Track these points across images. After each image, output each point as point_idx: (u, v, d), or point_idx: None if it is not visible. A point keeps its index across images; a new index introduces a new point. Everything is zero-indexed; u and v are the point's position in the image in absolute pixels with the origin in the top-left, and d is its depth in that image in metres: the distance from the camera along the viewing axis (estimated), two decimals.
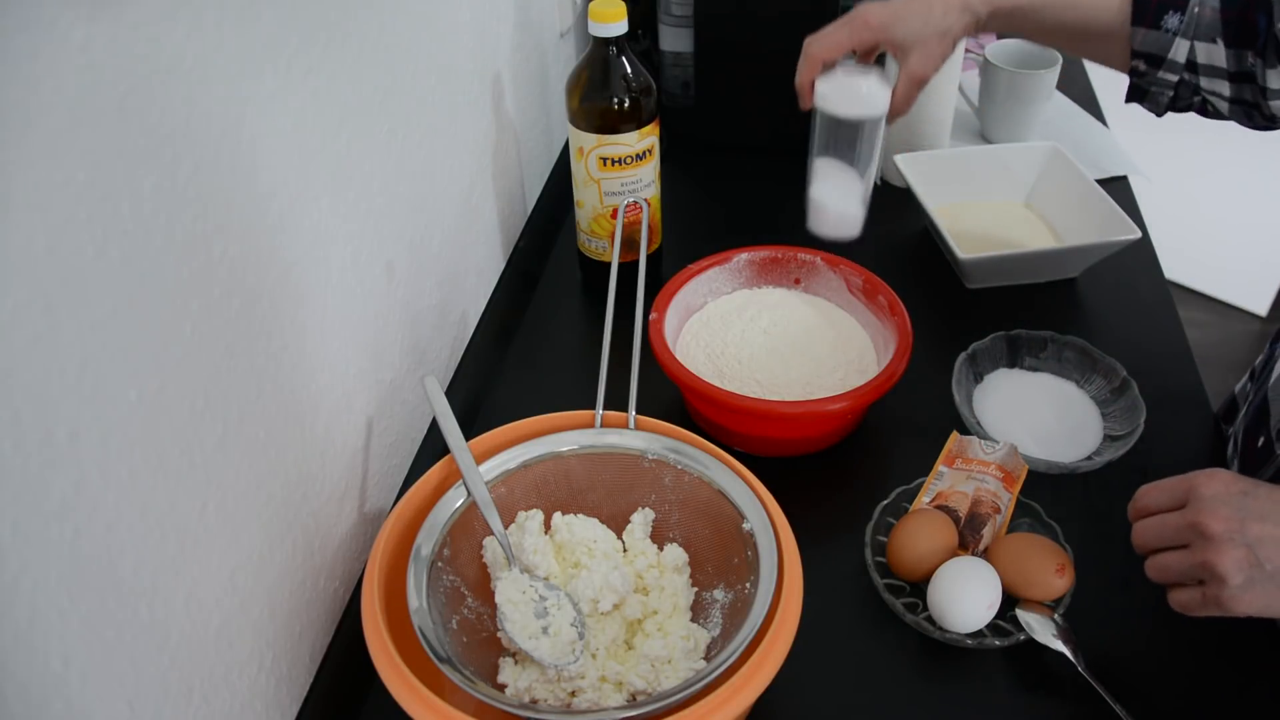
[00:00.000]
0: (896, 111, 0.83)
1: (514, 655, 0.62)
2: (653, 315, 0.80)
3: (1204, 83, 0.79)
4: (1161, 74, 0.80)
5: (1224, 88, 0.78)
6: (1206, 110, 0.82)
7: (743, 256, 0.88)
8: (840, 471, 0.80)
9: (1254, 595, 0.55)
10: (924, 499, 0.73)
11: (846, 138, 0.83)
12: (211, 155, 0.48)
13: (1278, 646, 0.66)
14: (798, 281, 0.89)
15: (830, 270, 0.87)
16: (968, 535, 0.69)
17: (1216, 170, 2.12)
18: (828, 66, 0.81)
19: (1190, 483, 0.58)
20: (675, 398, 0.85)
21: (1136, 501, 0.62)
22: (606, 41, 0.84)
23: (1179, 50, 0.78)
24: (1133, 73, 0.82)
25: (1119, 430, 0.79)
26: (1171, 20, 0.77)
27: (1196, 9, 0.77)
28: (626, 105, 0.86)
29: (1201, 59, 0.78)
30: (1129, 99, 0.84)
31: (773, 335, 0.84)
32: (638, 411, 0.68)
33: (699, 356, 0.82)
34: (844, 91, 0.81)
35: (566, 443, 0.67)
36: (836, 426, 0.79)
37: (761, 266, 0.88)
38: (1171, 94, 0.81)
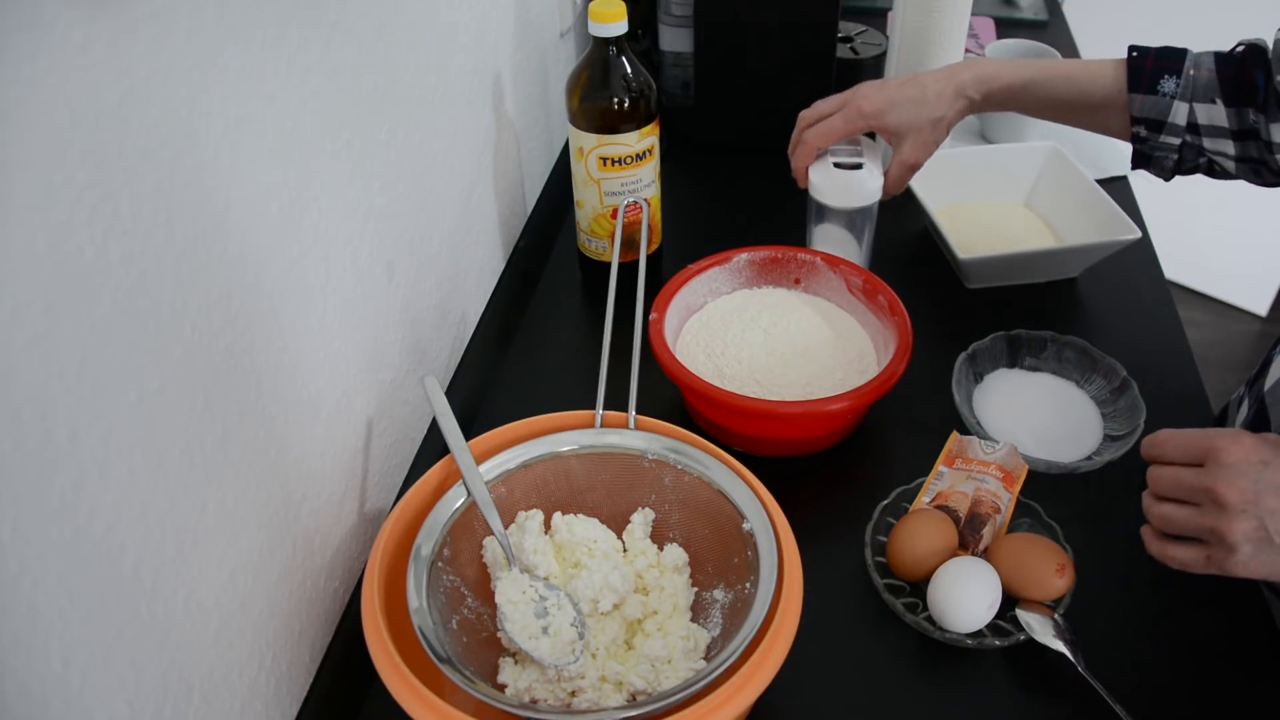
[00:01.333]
0: (889, 193, 0.87)
1: (514, 655, 0.62)
2: (653, 315, 0.80)
3: (1207, 143, 0.79)
4: (1164, 138, 0.80)
5: (1228, 146, 0.78)
6: (1214, 171, 0.82)
7: (743, 256, 0.87)
8: (840, 471, 0.80)
9: (1258, 564, 0.55)
10: (924, 499, 0.73)
11: (841, 219, 0.90)
12: (211, 155, 0.48)
13: (1278, 647, 0.66)
14: (798, 281, 0.89)
15: (830, 270, 0.87)
16: (968, 535, 0.69)
17: None
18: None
19: (1211, 444, 0.57)
20: (675, 398, 0.85)
21: (1154, 447, 0.61)
22: (606, 41, 0.84)
23: (1179, 113, 0.78)
24: (1135, 139, 0.82)
25: (1119, 430, 0.79)
26: (1168, 84, 0.78)
27: (1192, 71, 0.78)
28: (626, 105, 0.86)
29: (1202, 120, 0.78)
30: (1135, 166, 0.85)
31: (773, 335, 0.84)
32: (638, 411, 0.68)
33: (699, 356, 0.82)
34: (836, 183, 0.87)
35: (566, 443, 0.67)
36: (837, 427, 0.79)
37: (761, 266, 0.88)
38: (1176, 157, 0.81)
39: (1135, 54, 0.80)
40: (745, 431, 0.77)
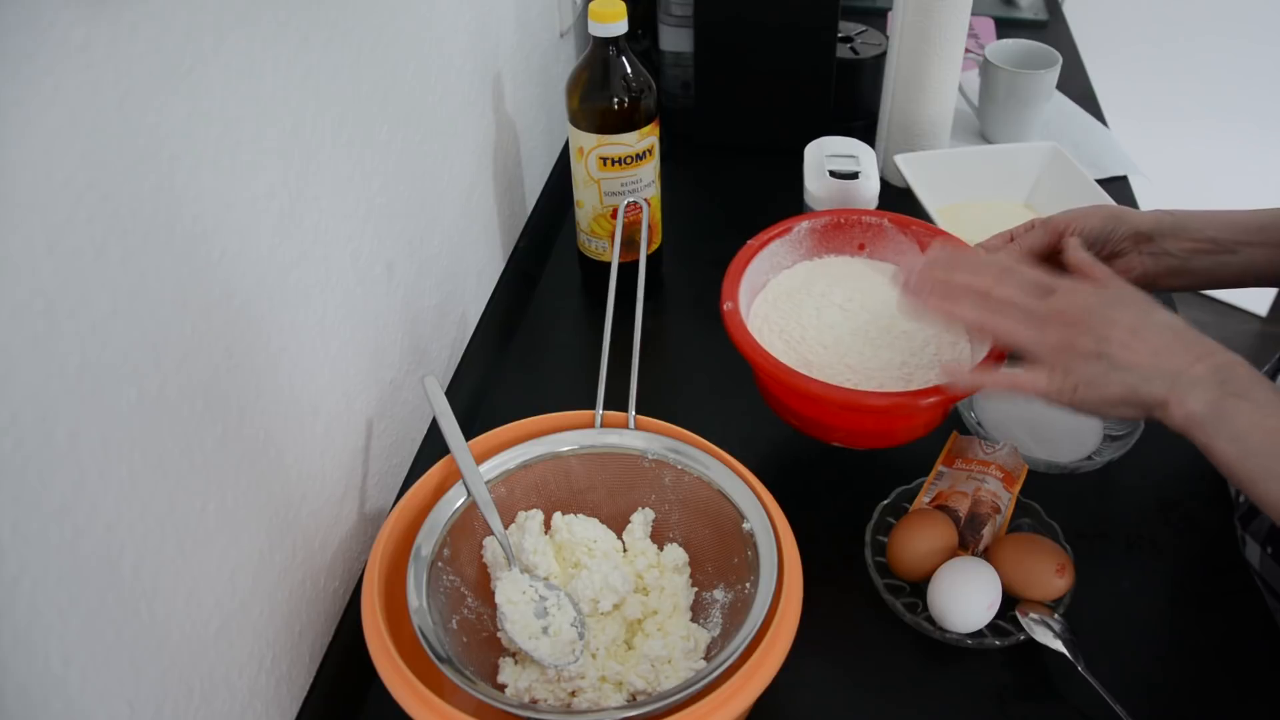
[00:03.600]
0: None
1: (514, 655, 0.62)
2: (727, 306, 0.71)
3: None
4: None
5: None
6: None
7: (804, 225, 0.79)
8: (840, 471, 0.80)
9: (1101, 387, 0.56)
10: (924, 499, 0.73)
11: None
12: (211, 155, 0.48)
13: (1277, 647, 0.66)
14: (862, 247, 0.80)
15: (899, 232, 0.79)
16: (968, 535, 0.69)
17: (1216, 170, 2.12)
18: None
19: (1050, 281, 0.59)
20: (675, 397, 0.85)
21: (977, 271, 0.62)
22: (606, 41, 0.84)
23: None
24: None
25: (1119, 430, 0.79)
26: None
27: None
28: (626, 105, 0.86)
29: None
30: None
31: (850, 313, 0.75)
32: (638, 411, 0.68)
33: (776, 344, 0.73)
34: (832, 192, 0.86)
35: (566, 443, 0.67)
36: (946, 409, 0.74)
37: (824, 234, 0.80)
38: None
39: None
40: (849, 427, 0.72)
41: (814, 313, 0.75)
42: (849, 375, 0.71)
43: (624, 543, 0.67)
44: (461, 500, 0.63)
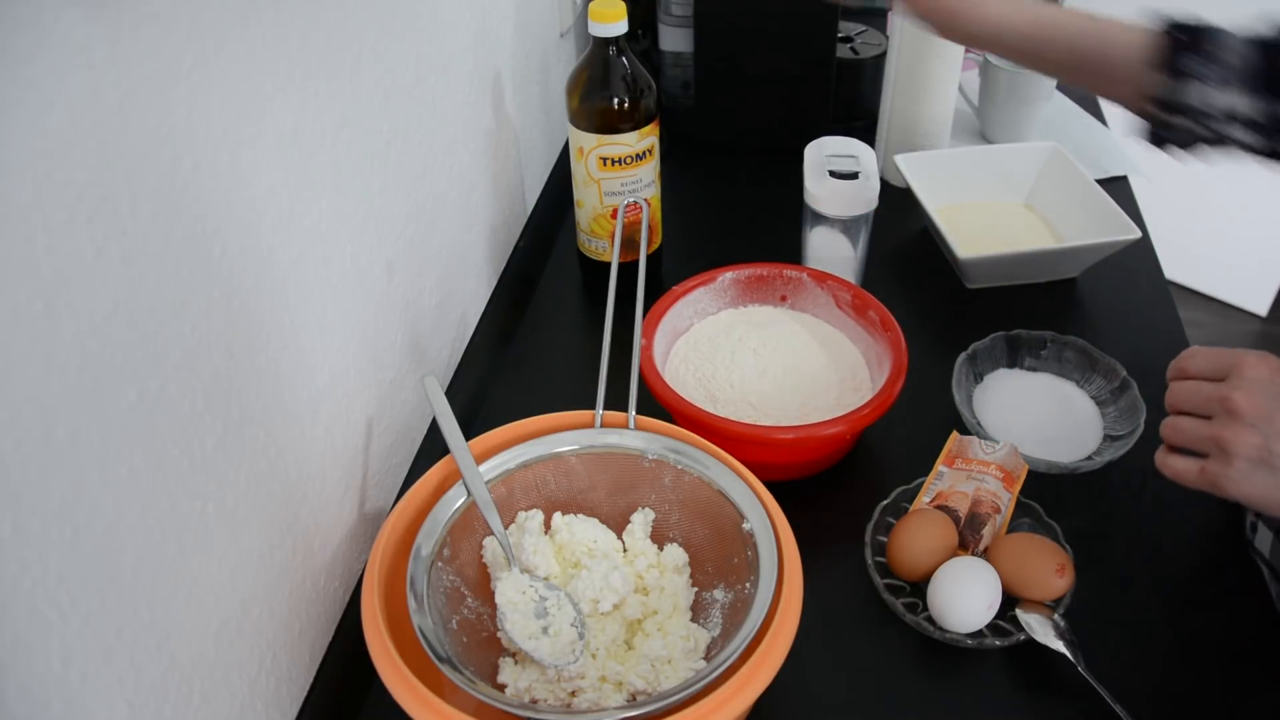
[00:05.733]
0: None
1: (514, 655, 0.62)
2: (642, 342, 0.77)
3: (1232, 132, 0.73)
4: (1183, 121, 0.74)
5: (1249, 136, 0.73)
6: (1236, 152, 0.75)
7: (727, 276, 0.86)
8: (840, 472, 0.80)
9: (1250, 484, 0.55)
10: (924, 499, 0.73)
11: (836, 226, 0.88)
12: (211, 155, 0.48)
13: (1278, 647, 0.66)
14: (784, 299, 0.87)
15: (817, 286, 0.85)
16: (968, 535, 0.69)
17: (1216, 170, 2.12)
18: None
19: (1237, 360, 0.57)
20: None
21: (1180, 361, 0.61)
22: (606, 41, 0.84)
23: (1200, 96, 0.73)
24: (1153, 120, 0.76)
25: (1119, 430, 0.79)
26: (1194, 64, 0.72)
27: (1221, 54, 0.71)
28: (626, 105, 0.86)
29: (1233, 108, 0.72)
30: (1151, 142, 0.77)
31: (763, 356, 0.82)
32: (638, 411, 0.68)
33: (689, 381, 0.81)
34: (833, 192, 0.85)
35: (566, 443, 0.67)
36: (834, 449, 0.78)
37: (747, 285, 0.87)
38: (1196, 141, 0.75)
39: (1167, 28, 0.74)
40: (742, 458, 0.76)
41: (729, 356, 0.82)
42: (749, 412, 0.78)
43: (624, 543, 0.67)
44: (461, 500, 0.63)
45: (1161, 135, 0.77)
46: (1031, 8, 0.77)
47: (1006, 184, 1.06)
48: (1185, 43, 0.73)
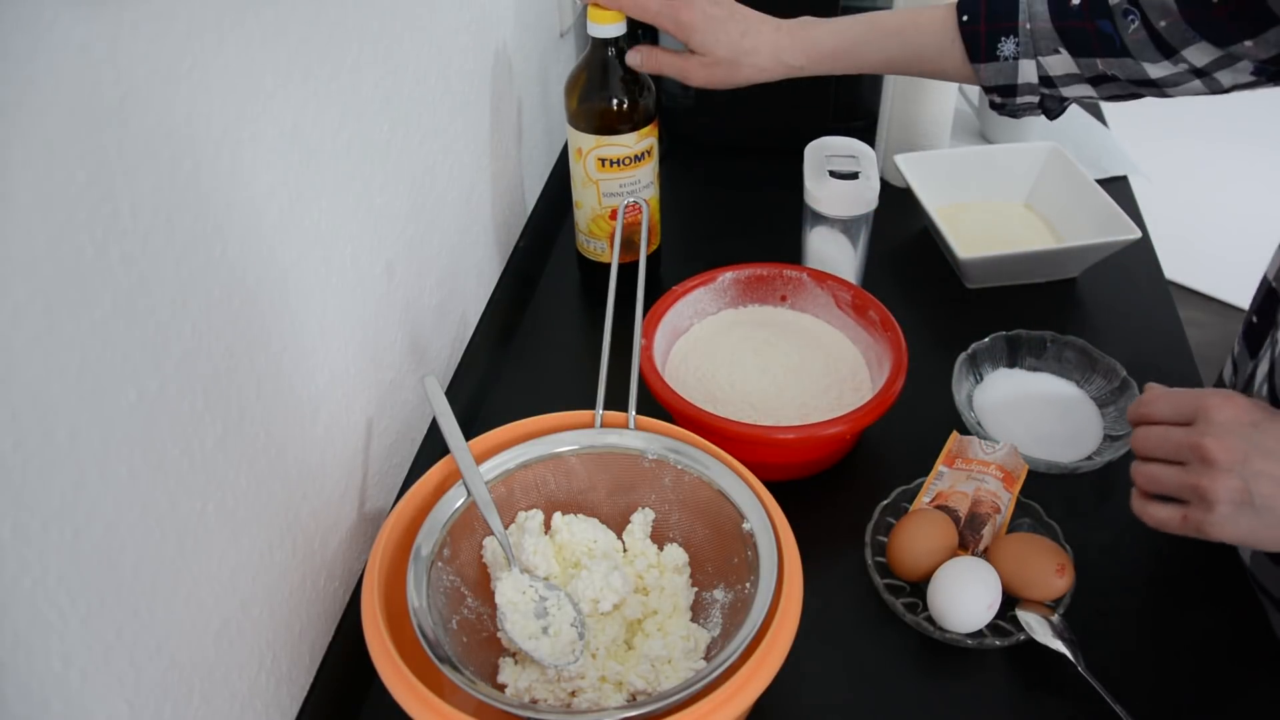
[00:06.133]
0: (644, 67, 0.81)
1: (514, 655, 0.62)
2: (642, 341, 0.77)
3: (1066, 91, 0.76)
4: (1021, 99, 0.77)
5: (1088, 90, 0.75)
6: (1086, 102, 0.79)
7: (727, 276, 0.86)
8: (840, 472, 0.80)
9: (1234, 527, 0.54)
10: (924, 499, 0.73)
11: (836, 226, 0.88)
12: (211, 155, 0.48)
13: (1278, 647, 0.66)
14: (784, 299, 0.87)
15: (817, 286, 0.85)
16: (968, 535, 0.69)
17: (1216, 170, 2.12)
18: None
19: (1202, 402, 0.56)
20: None
21: (1141, 405, 0.60)
22: (605, 42, 0.84)
23: (1027, 72, 0.74)
24: (992, 104, 0.79)
25: (1119, 430, 0.79)
26: (1007, 46, 0.74)
27: (1029, 25, 0.73)
28: (625, 106, 0.86)
29: (1054, 71, 0.74)
30: (1002, 113, 0.81)
31: (763, 356, 0.82)
32: (638, 411, 0.68)
33: (689, 381, 0.81)
34: (833, 193, 0.86)
35: (566, 443, 0.67)
36: (834, 449, 0.78)
37: (747, 285, 0.87)
38: (1041, 108, 0.78)
39: (965, 18, 0.75)
40: (742, 458, 0.77)
41: (729, 356, 0.83)
42: (749, 413, 0.78)
43: (624, 543, 0.67)
44: (461, 500, 0.63)
45: (1013, 113, 0.78)
46: (837, 34, 0.79)
47: (1006, 184, 1.06)
48: (993, 26, 0.73)
